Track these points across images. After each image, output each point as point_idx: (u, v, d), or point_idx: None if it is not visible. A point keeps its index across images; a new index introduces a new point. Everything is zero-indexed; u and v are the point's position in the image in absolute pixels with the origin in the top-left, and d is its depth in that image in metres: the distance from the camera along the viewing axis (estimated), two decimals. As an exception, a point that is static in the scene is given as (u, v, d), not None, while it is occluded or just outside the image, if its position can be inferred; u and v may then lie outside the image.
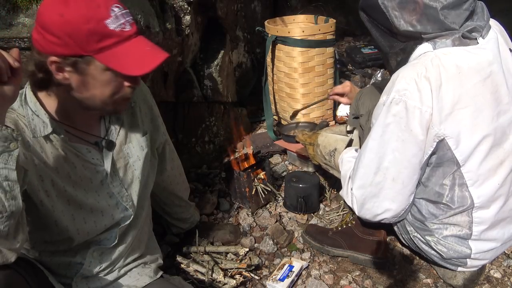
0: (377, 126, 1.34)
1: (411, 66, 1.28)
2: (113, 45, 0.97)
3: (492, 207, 1.35)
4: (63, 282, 1.18)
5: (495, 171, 1.32)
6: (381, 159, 1.34)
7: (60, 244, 1.15)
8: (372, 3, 1.31)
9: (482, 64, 1.26)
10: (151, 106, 1.36)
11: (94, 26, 0.94)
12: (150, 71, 0.98)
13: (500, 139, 1.30)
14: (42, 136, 1.05)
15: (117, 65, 0.97)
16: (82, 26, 0.93)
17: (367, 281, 1.56)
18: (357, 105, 1.72)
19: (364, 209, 1.43)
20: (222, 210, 1.97)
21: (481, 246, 1.40)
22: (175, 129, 2.21)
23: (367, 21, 1.40)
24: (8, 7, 1.45)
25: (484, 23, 1.28)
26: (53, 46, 0.95)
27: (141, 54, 0.99)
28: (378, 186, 1.37)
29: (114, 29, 0.96)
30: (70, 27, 0.92)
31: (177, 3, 2.00)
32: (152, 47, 1.02)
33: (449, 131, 1.26)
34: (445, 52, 1.26)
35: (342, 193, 1.58)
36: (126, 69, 0.97)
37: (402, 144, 1.29)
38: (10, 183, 0.83)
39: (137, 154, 1.26)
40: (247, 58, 3.07)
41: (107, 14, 0.95)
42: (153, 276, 1.32)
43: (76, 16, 0.93)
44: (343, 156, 1.60)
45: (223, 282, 1.53)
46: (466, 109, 1.24)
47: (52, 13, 0.94)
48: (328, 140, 1.73)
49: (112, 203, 1.20)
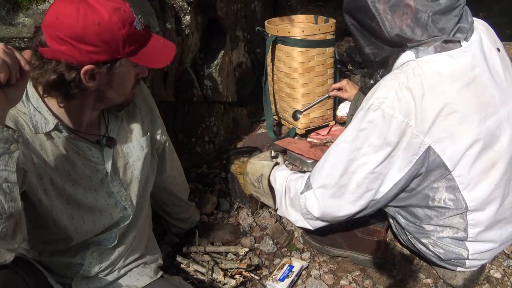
0: (351, 130, 1.33)
1: (394, 75, 1.28)
2: (143, 44, 1.04)
3: (487, 209, 1.34)
4: (63, 282, 1.18)
5: (488, 174, 1.30)
6: (349, 163, 1.34)
7: (58, 243, 1.15)
8: (361, 5, 1.27)
9: (465, 68, 1.26)
10: (151, 107, 1.36)
11: (128, 30, 0.98)
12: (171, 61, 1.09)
13: (490, 142, 1.28)
14: (43, 133, 1.05)
15: (147, 61, 1.05)
16: (118, 32, 0.97)
17: (367, 281, 1.56)
18: (356, 105, 1.73)
19: (326, 209, 1.42)
20: (222, 210, 1.97)
21: (478, 247, 1.39)
22: (175, 129, 2.21)
23: (352, 25, 1.36)
24: (8, 7, 1.45)
25: (468, 26, 1.28)
26: (89, 55, 0.96)
27: (160, 47, 1.08)
28: (342, 189, 1.37)
29: (140, 30, 1.02)
30: (108, 34, 0.95)
31: (177, 3, 2.00)
32: (163, 40, 1.11)
33: (435, 138, 1.25)
34: (426, 60, 1.25)
35: (280, 209, 1.60)
36: (154, 63, 1.06)
37: (373, 150, 1.29)
38: (10, 184, 0.82)
39: (137, 154, 1.26)
40: (247, 58, 3.07)
41: (133, 16, 1.01)
42: (153, 276, 1.32)
43: (112, 22, 0.96)
44: (275, 173, 1.63)
45: (223, 282, 1.53)
46: (451, 116, 1.23)
47: (87, 23, 0.94)
48: (255, 167, 1.71)
49: (111, 203, 1.20)
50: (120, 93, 1.10)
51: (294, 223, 1.60)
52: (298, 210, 1.54)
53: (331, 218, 1.46)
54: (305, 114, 2.56)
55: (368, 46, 1.36)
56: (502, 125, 1.30)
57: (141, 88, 1.34)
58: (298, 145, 2.40)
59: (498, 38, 1.43)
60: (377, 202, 1.39)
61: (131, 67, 1.06)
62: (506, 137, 1.30)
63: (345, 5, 1.36)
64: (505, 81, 1.34)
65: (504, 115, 1.30)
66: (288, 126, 2.73)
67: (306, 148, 2.35)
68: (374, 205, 1.40)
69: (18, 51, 0.83)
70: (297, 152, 2.30)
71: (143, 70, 1.11)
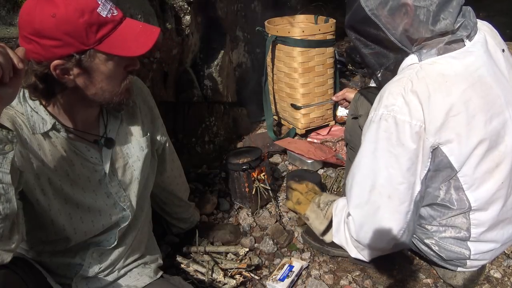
0: (368, 143, 1.32)
1: (397, 81, 1.27)
2: (111, 32, 0.97)
3: (490, 209, 1.34)
4: (62, 282, 1.17)
5: (492, 174, 1.30)
6: (375, 176, 1.31)
7: (57, 244, 1.14)
8: (361, 16, 1.27)
9: (469, 69, 1.25)
10: (151, 107, 1.36)
11: (89, 18, 0.92)
12: (151, 47, 0.99)
13: (495, 142, 1.28)
14: (41, 133, 1.05)
15: (119, 50, 0.97)
16: (78, 21, 0.91)
17: (367, 281, 1.56)
18: (356, 105, 1.73)
19: (363, 231, 1.39)
20: (222, 210, 1.97)
21: (480, 247, 1.39)
22: (175, 129, 2.21)
23: (356, 39, 1.36)
24: (8, 7, 1.45)
25: (472, 24, 1.28)
26: (53, 50, 0.93)
27: (136, 34, 1.00)
28: (375, 205, 1.34)
29: (107, 16, 0.96)
30: (66, 25, 0.91)
31: (177, 3, 2.00)
32: (143, 25, 1.03)
33: (443, 139, 1.24)
34: (430, 62, 1.25)
35: (337, 236, 1.55)
36: (129, 51, 0.98)
37: (395, 159, 1.27)
38: (5, 185, 0.82)
39: (136, 154, 1.25)
40: (247, 58, 3.07)
41: (96, 2, 0.95)
42: (153, 276, 1.32)
43: (69, 12, 0.91)
44: (338, 201, 1.58)
45: (223, 282, 1.53)
46: (458, 116, 1.23)
47: (43, 17, 0.91)
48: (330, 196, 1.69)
49: (110, 203, 1.20)
50: (106, 89, 1.03)
51: (350, 253, 1.55)
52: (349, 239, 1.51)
53: (370, 239, 1.39)
54: (305, 114, 2.56)
55: (373, 57, 1.36)
56: (507, 125, 1.30)
57: (141, 88, 1.33)
58: (298, 145, 2.40)
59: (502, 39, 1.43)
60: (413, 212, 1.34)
61: (108, 59, 0.98)
62: (510, 137, 1.30)
63: (346, 21, 1.36)
64: (510, 81, 1.34)
65: (509, 115, 1.30)
66: (288, 126, 2.73)
67: (306, 148, 2.35)
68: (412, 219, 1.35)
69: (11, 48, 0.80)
70: (297, 152, 2.30)
71: (132, 61, 1.04)
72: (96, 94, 1.03)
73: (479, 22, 1.35)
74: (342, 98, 1.94)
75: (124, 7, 1.61)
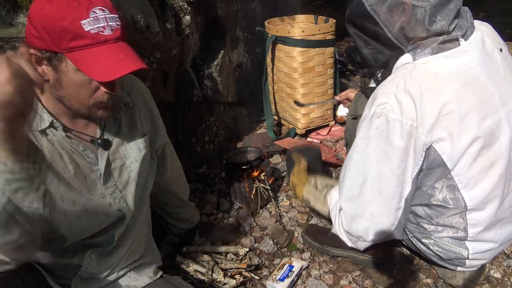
0: (360, 139, 1.36)
1: (391, 80, 1.29)
2: (85, 47, 0.96)
3: (487, 209, 1.34)
4: (62, 283, 1.17)
5: (487, 173, 1.31)
6: (366, 172, 1.35)
7: (53, 243, 1.14)
8: (361, 11, 1.30)
9: (463, 68, 1.26)
10: (150, 108, 1.36)
11: (68, 24, 0.93)
12: (115, 79, 0.97)
13: (489, 141, 1.29)
14: (38, 131, 1.05)
15: (84, 67, 0.96)
16: (57, 23, 0.93)
17: (367, 281, 1.56)
18: (355, 105, 1.73)
19: (354, 224, 1.44)
20: (222, 210, 1.97)
21: (478, 247, 1.39)
22: (175, 129, 2.21)
23: (354, 34, 1.40)
24: (8, 7, 1.45)
25: (468, 25, 1.28)
26: (33, 39, 0.96)
27: (112, 60, 0.97)
28: (365, 199, 1.38)
29: (89, 31, 0.95)
30: (46, 21, 0.94)
31: (177, 3, 2.00)
32: (126, 55, 0.99)
33: (435, 138, 1.25)
34: (423, 61, 1.27)
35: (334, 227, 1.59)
36: (93, 72, 0.96)
37: (386, 156, 1.30)
38: None
39: (134, 155, 1.25)
40: (247, 58, 3.07)
41: (85, 15, 0.95)
42: (152, 276, 1.32)
43: (54, 11, 0.94)
44: (331, 191, 1.63)
45: (223, 282, 1.53)
46: (450, 115, 1.24)
47: (35, 6, 0.96)
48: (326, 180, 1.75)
49: (106, 203, 1.19)
50: (73, 97, 1.02)
51: (346, 243, 1.58)
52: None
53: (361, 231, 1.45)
54: (305, 114, 2.56)
55: (370, 52, 1.38)
56: (502, 124, 1.30)
57: (141, 89, 1.33)
58: (298, 145, 2.40)
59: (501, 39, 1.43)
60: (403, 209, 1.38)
61: (76, 70, 0.97)
62: (506, 137, 1.30)
63: (346, 15, 1.39)
64: (506, 81, 1.34)
65: (504, 115, 1.30)
66: (288, 126, 2.73)
67: (306, 148, 2.35)
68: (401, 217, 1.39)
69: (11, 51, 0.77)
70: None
71: (108, 85, 1.02)
72: (64, 98, 1.04)
73: (478, 22, 1.36)
74: (346, 98, 1.97)
75: (124, 7, 1.61)
